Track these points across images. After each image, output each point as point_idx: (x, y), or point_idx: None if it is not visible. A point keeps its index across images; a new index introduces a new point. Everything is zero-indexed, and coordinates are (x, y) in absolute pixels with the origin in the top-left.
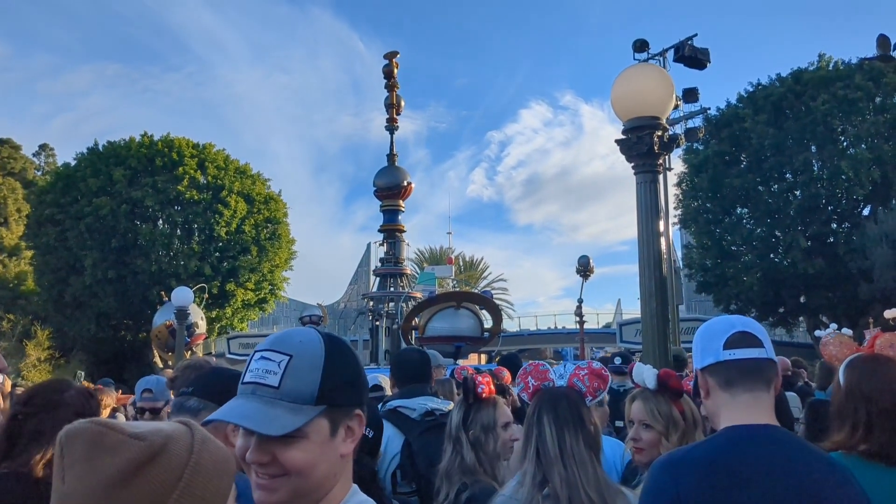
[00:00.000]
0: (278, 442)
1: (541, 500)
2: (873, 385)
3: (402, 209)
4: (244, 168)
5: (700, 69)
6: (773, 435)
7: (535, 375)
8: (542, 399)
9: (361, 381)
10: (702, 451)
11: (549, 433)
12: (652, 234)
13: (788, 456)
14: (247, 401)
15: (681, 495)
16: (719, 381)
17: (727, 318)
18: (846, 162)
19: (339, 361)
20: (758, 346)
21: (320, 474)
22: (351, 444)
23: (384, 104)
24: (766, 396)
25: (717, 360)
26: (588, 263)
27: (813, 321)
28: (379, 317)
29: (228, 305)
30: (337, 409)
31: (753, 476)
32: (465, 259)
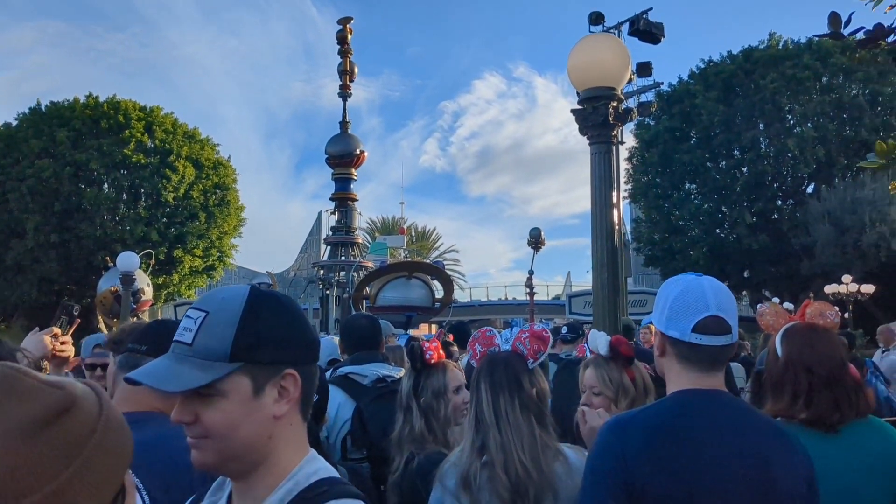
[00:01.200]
0: (200, 401)
1: (479, 466)
2: (812, 354)
3: (355, 178)
4: (193, 132)
5: (654, 44)
6: (721, 400)
7: (481, 342)
8: (481, 365)
9: (296, 339)
10: (650, 413)
11: (485, 399)
12: (605, 205)
13: (735, 420)
14: (164, 359)
15: (627, 456)
16: (678, 354)
17: (703, 292)
18: (792, 140)
19: (262, 318)
20: (727, 332)
21: (246, 435)
22: (286, 405)
23: (337, 71)
24: (720, 372)
25: (682, 338)
26: (539, 236)
27: (756, 295)
28: (329, 286)
29: (176, 272)
30: (259, 367)
31: (700, 439)
32: (417, 229)
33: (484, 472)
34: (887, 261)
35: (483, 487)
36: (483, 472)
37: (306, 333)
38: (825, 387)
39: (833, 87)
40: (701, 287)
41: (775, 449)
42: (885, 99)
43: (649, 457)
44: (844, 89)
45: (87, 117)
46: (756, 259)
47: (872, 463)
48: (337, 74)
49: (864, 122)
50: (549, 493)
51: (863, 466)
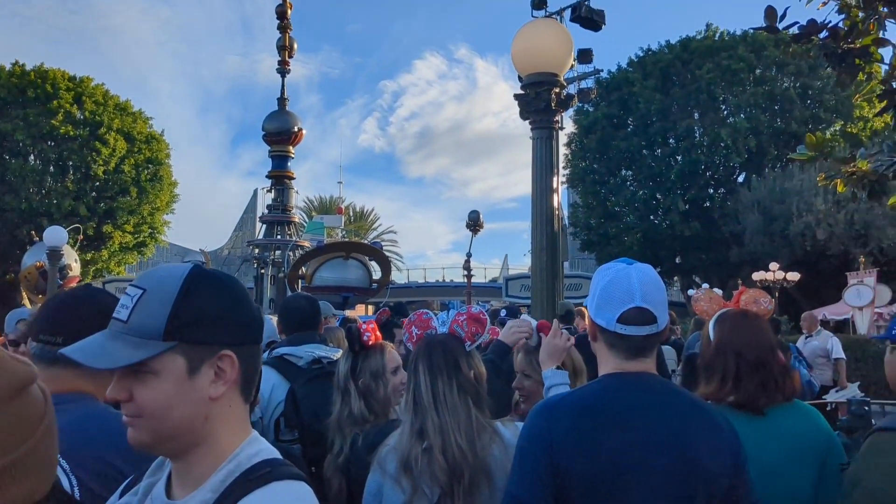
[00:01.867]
0: (135, 379)
1: (420, 452)
2: (741, 339)
3: (292, 156)
4: (125, 105)
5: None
6: (648, 381)
7: (418, 325)
8: (418, 348)
9: (234, 319)
10: (577, 396)
11: (423, 382)
12: (546, 190)
13: (661, 401)
14: (99, 335)
15: (554, 439)
16: (606, 341)
17: (630, 283)
18: (725, 130)
19: (200, 297)
20: (651, 322)
21: (180, 415)
22: (223, 386)
23: (276, 46)
24: (648, 358)
25: (607, 328)
26: (478, 219)
27: (686, 281)
28: (265, 265)
29: (105, 248)
30: (195, 347)
31: (625, 419)
32: (355, 209)
33: (424, 456)
34: (812, 250)
35: (423, 471)
36: (423, 456)
37: (246, 314)
38: (753, 371)
39: (766, 80)
40: (629, 277)
41: (699, 427)
42: (815, 92)
43: (575, 438)
44: (777, 82)
45: (13, 86)
46: (688, 245)
47: (795, 444)
48: (276, 50)
49: (795, 114)
50: (483, 476)
51: (787, 447)
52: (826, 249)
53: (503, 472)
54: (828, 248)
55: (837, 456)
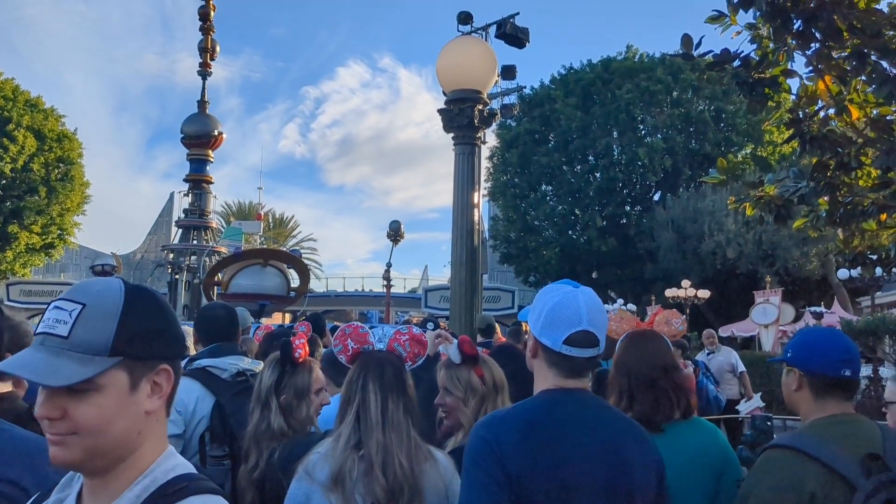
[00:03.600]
0: (69, 396)
1: (357, 459)
2: (634, 358)
3: (211, 159)
4: (35, 101)
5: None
6: (582, 397)
7: (354, 338)
8: (367, 364)
9: (170, 334)
10: (520, 410)
11: (373, 399)
12: (467, 205)
13: (595, 415)
14: (35, 351)
15: (503, 452)
16: (548, 360)
17: (577, 307)
18: (643, 149)
19: (141, 312)
20: (594, 345)
21: (118, 431)
22: (158, 400)
23: (198, 47)
24: (585, 378)
25: (553, 348)
26: (399, 229)
27: (602, 296)
28: (179, 270)
29: (10, 249)
30: (137, 362)
31: (565, 432)
32: (274, 216)
33: (360, 469)
34: (722, 268)
35: (358, 483)
36: (359, 469)
37: (177, 329)
38: (646, 389)
39: (682, 102)
40: (576, 301)
41: (631, 442)
42: (728, 116)
43: (523, 450)
44: (692, 104)
45: None
46: (604, 261)
47: (692, 460)
48: (197, 51)
49: (708, 136)
50: (420, 494)
51: (683, 463)
52: (735, 268)
53: (436, 494)
54: (737, 266)
55: (734, 471)
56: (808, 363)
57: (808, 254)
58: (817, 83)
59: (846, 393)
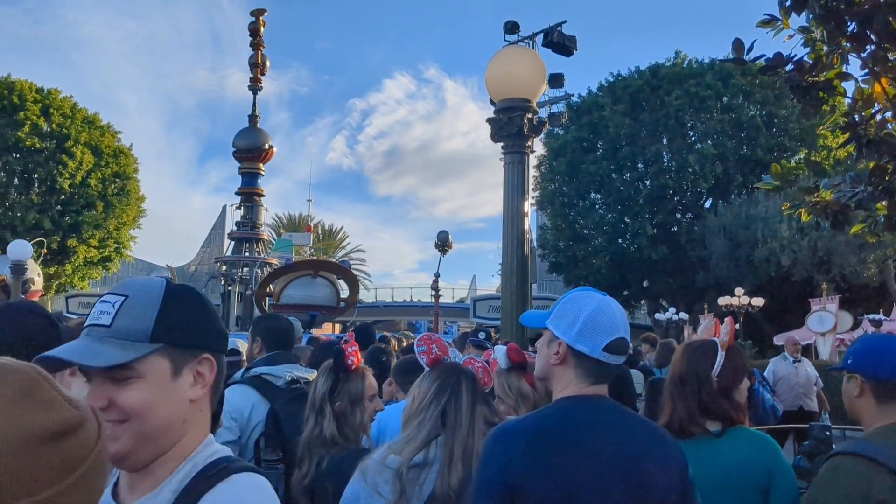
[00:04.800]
0: (113, 385)
1: (405, 471)
2: (678, 367)
3: (262, 173)
4: (93, 118)
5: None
6: (599, 403)
7: (439, 345)
8: (458, 369)
9: (211, 327)
10: (532, 419)
11: (465, 400)
12: (517, 214)
13: (612, 421)
14: (80, 340)
15: (510, 463)
16: (578, 366)
17: (613, 314)
18: (693, 156)
19: (182, 303)
20: (626, 353)
21: (163, 417)
22: (201, 390)
23: (248, 63)
24: (606, 384)
25: (591, 354)
26: (447, 239)
27: (653, 304)
28: (232, 282)
29: (69, 262)
30: (178, 350)
31: (577, 440)
32: (323, 227)
33: (417, 469)
34: (776, 275)
35: (416, 482)
36: (417, 469)
37: (219, 323)
38: (679, 397)
39: (733, 107)
40: (611, 308)
41: (649, 447)
42: (780, 121)
43: (530, 460)
44: (743, 110)
45: None
46: (655, 269)
47: (724, 471)
48: (247, 66)
49: (761, 142)
50: None
51: (715, 474)
52: (790, 275)
53: None
54: (791, 274)
55: (785, 484)
56: (871, 369)
57: (865, 260)
58: (873, 86)
59: None
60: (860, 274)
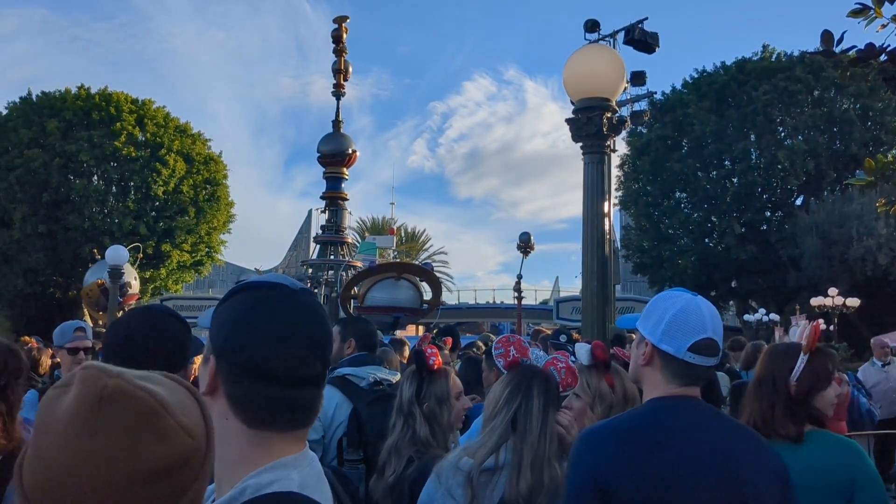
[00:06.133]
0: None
1: (476, 475)
2: (762, 370)
3: (346, 177)
4: (185, 127)
5: (649, 53)
6: (693, 405)
7: (517, 347)
8: (533, 372)
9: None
10: (622, 419)
11: (536, 405)
12: (597, 215)
13: (706, 424)
14: None
15: (599, 465)
16: (664, 367)
17: (701, 314)
18: (783, 152)
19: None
20: (717, 354)
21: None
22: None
23: (332, 69)
24: (697, 387)
25: (676, 355)
26: (529, 240)
27: (742, 305)
28: (318, 284)
29: (163, 266)
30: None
31: (670, 442)
32: (406, 230)
33: (489, 473)
34: (873, 275)
35: (488, 486)
36: (489, 473)
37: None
38: (753, 400)
39: (824, 101)
40: (699, 308)
41: (745, 450)
42: (876, 114)
43: (622, 463)
44: (835, 103)
45: (79, 108)
46: (744, 269)
47: (800, 475)
48: (330, 72)
49: (855, 136)
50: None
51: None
52: (888, 275)
53: None
54: (890, 273)
55: (871, 492)
56: None
57: None
58: None
59: None
60: None
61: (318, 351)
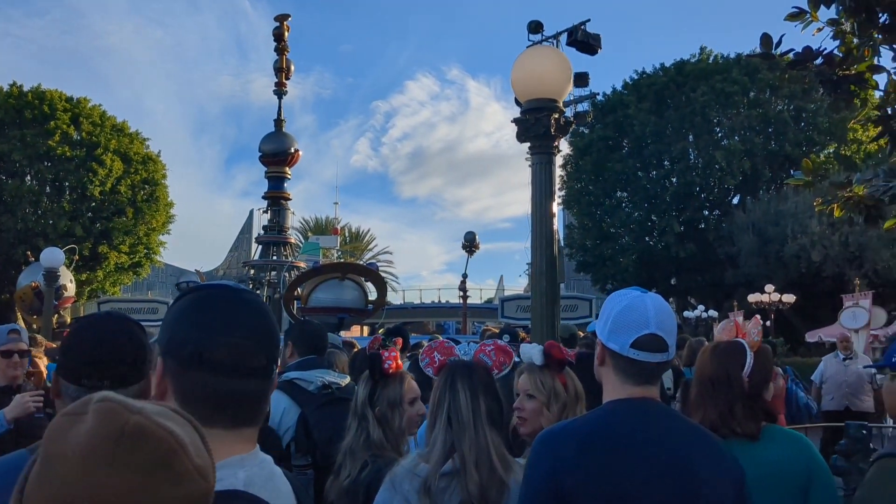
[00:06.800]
0: None
1: (447, 469)
2: (706, 367)
3: (289, 176)
4: (122, 125)
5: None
6: (651, 408)
7: (441, 350)
8: (455, 369)
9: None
10: (581, 423)
11: (463, 399)
12: (545, 215)
13: (664, 427)
14: None
15: (557, 468)
16: (615, 366)
17: (645, 310)
18: (720, 152)
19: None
20: (663, 350)
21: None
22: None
23: (273, 68)
24: (654, 385)
25: (620, 352)
26: (474, 239)
27: (682, 302)
28: (260, 286)
29: (100, 268)
30: None
31: (628, 445)
32: (350, 230)
33: (448, 478)
34: (807, 271)
35: (447, 490)
36: (448, 477)
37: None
38: (715, 397)
39: (760, 103)
40: (644, 304)
41: (702, 453)
42: (809, 115)
43: (580, 465)
44: (770, 105)
45: (10, 106)
46: (683, 267)
47: (767, 474)
48: (271, 71)
49: (789, 136)
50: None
51: (757, 476)
52: (821, 271)
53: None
54: (823, 269)
55: (823, 485)
56: None
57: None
58: None
59: None
60: (893, 269)
61: (263, 343)
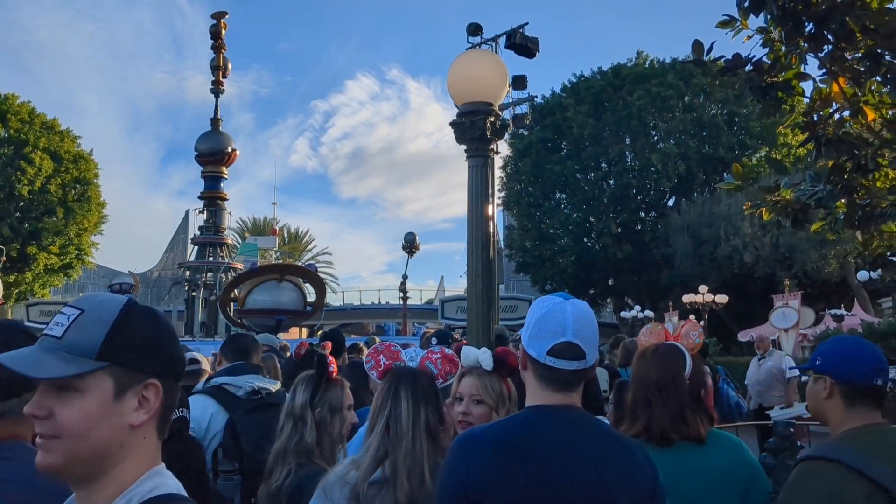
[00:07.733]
0: (56, 397)
1: (377, 478)
2: (643, 372)
3: (225, 176)
4: (52, 123)
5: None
6: (568, 415)
7: (387, 354)
8: (399, 375)
9: (165, 351)
10: (497, 428)
11: (405, 407)
12: (481, 218)
13: (580, 434)
14: (29, 348)
15: (470, 474)
16: (535, 372)
17: (563, 318)
18: (656, 155)
19: (136, 324)
20: (579, 357)
21: (99, 438)
22: (144, 415)
23: (210, 66)
24: (574, 392)
25: (538, 359)
26: (414, 240)
27: (619, 302)
28: (196, 287)
29: (29, 270)
30: (124, 371)
31: (541, 452)
32: (289, 231)
33: (377, 486)
34: (739, 272)
35: (376, 499)
36: (377, 486)
37: (175, 349)
38: (656, 403)
39: (694, 107)
40: (563, 312)
41: (617, 462)
42: (741, 120)
43: (491, 472)
44: (704, 109)
45: None
46: (620, 268)
47: (713, 477)
48: (208, 68)
49: (722, 140)
50: None
51: (703, 480)
52: (753, 272)
53: None
54: (755, 270)
55: (762, 486)
56: (840, 371)
57: (826, 256)
58: (831, 85)
59: (876, 402)
60: (822, 270)
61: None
